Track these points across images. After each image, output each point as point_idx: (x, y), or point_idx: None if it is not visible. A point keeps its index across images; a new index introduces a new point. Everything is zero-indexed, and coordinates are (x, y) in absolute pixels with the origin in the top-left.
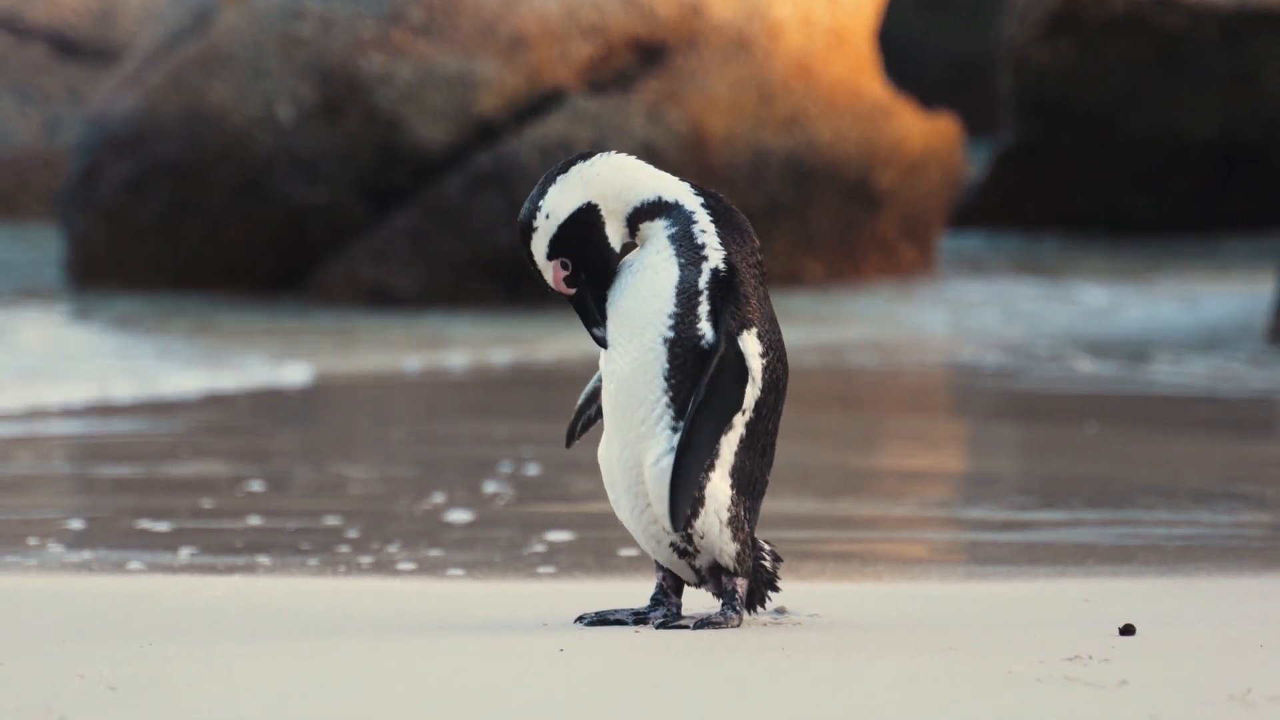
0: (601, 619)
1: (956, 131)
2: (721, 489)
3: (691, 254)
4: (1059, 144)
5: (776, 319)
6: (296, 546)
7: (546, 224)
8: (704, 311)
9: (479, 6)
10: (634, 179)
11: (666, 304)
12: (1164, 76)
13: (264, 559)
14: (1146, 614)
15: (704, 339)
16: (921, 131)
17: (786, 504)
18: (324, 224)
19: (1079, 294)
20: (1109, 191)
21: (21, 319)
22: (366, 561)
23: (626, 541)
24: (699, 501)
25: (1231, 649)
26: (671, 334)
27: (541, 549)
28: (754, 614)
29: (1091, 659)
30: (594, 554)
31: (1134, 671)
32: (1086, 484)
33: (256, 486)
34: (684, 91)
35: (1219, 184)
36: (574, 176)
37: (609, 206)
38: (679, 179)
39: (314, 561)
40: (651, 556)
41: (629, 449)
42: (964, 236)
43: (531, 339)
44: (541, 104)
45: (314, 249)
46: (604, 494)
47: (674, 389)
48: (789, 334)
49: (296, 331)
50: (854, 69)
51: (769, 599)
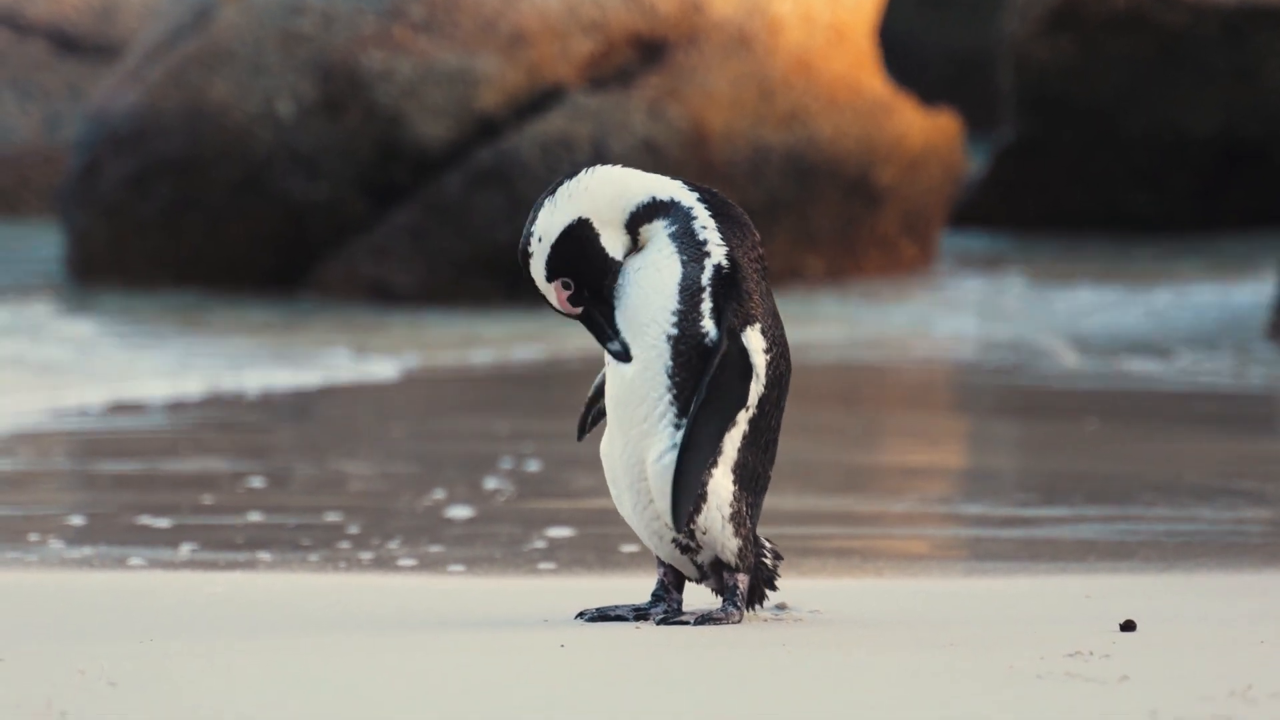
0: (602, 615)
1: (957, 128)
2: (724, 484)
3: (693, 250)
4: (1060, 141)
5: (779, 314)
6: (297, 543)
7: (540, 247)
8: (707, 308)
9: (480, 3)
10: (624, 186)
11: (670, 301)
12: (1165, 73)
13: (265, 555)
14: (1147, 610)
15: (707, 336)
16: (922, 128)
17: (788, 500)
18: (324, 220)
19: (1079, 291)
20: (1110, 188)
21: (54, 318)
22: (367, 558)
23: (627, 538)
24: (701, 497)
25: (1232, 645)
26: (675, 331)
27: (542, 545)
28: (755, 610)
29: (1092, 655)
30: (595, 550)
31: (1135, 667)
32: (1087, 480)
33: (257, 482)
34: (684, 88)
35: (1220, 181)
36: (561, 196)
37: (603, 217)
38: (670, 178)
39: (315, 558)
40: (653, 552)
41: (632, 445)
42: (964, 233)
43: (531, 335)
44: (542, 100)
45: (314, 245)
46: (605, 490)
47: (677, 386)
48: (789, 331)
49: (298, 329)
50: (854, 65)
51: (768, 596)
